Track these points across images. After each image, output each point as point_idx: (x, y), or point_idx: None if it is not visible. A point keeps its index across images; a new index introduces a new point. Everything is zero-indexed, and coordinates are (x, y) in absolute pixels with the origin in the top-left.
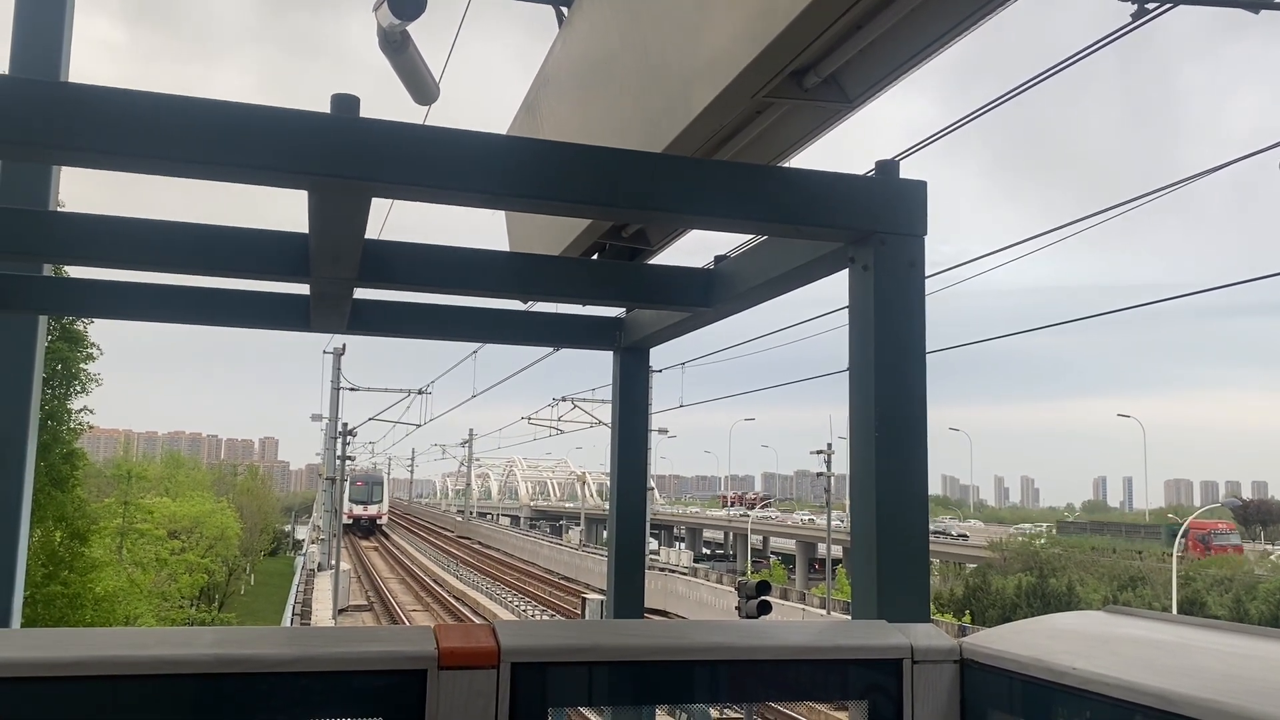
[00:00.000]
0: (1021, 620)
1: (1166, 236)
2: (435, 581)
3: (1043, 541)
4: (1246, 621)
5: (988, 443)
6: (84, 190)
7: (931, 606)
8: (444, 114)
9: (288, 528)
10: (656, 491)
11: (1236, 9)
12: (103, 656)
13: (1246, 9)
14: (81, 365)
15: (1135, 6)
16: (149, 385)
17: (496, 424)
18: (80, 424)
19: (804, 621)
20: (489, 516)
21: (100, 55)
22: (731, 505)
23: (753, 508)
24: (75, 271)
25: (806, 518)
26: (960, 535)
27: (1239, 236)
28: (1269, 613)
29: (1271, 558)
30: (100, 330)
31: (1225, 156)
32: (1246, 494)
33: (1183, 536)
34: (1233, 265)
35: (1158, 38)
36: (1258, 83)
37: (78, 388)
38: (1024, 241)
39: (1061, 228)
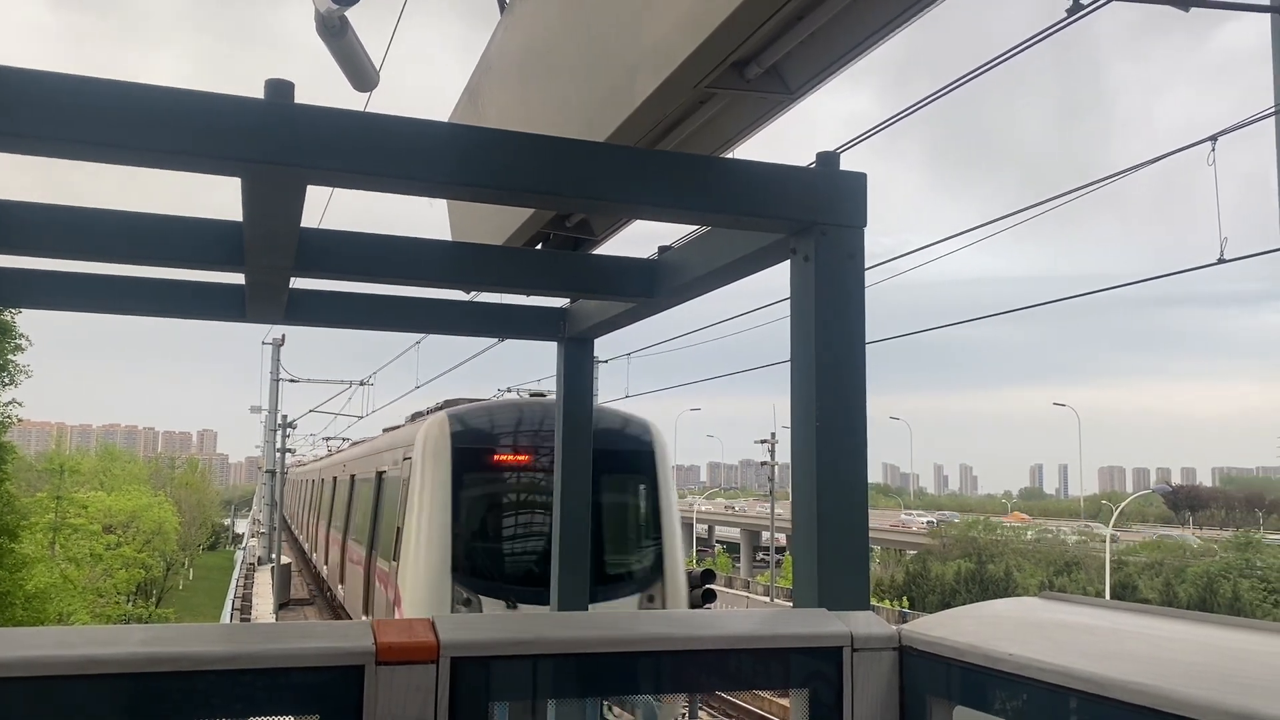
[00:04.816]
0: (959, 607)
1: (1101, 229)
2: None
3: None
4: (1175, 605)
5: (927, 431)
6: (11, 177)
7: (872, 593)
8: (386, 102)
9: (227, 521)
10: None
11: (1167, 5)
12: (27, 657)
13: (1177, 6)
14: (10, 356)
15: (1071, 2)
16: (83, 377)
17: None
18: (9, 417)
19: (746, 611)
20: None
21: (28, 37)
22: None
23: None
24: (2, 261)
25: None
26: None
27: (1168, 228)
28: (1196, 595)
29: None
30: (30, 320)
31: (1155, 151)
32: (1176, 480)
33: None
34: (1164, 256)
35: (1089, 36)
36: (1185, 80)
37: (6, 379)
38: (959, 235)
39: (997, 220)
